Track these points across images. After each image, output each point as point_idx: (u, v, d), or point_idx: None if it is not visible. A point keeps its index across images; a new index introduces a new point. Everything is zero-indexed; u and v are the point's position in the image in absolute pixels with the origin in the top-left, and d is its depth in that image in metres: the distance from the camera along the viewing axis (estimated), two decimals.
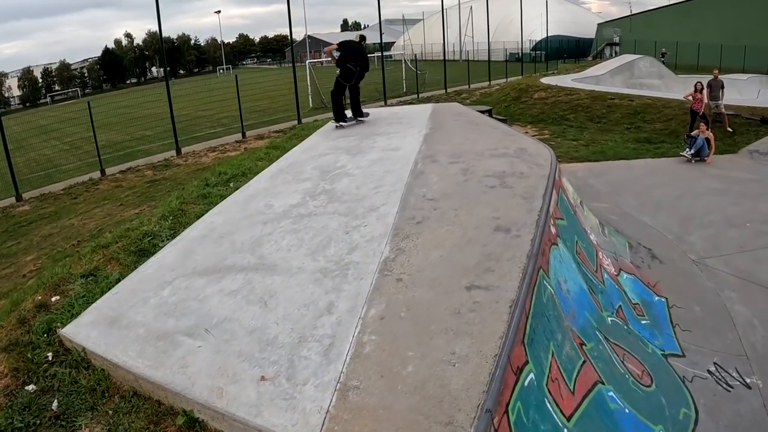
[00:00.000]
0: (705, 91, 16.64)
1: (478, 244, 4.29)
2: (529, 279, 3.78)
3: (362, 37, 11.00)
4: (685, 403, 5.00)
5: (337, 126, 10.33)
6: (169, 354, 3.42)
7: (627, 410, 4.26)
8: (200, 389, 3.07)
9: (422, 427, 2.59)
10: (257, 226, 5.15)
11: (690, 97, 16.62)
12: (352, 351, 3.15)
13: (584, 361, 4.13)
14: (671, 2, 59.86)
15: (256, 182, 6.75)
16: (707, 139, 13.68)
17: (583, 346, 4.29)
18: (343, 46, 10.58)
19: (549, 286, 4.18)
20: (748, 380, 5.56)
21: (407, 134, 8.04)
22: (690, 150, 13.69)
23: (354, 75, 10.40)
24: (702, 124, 14.16)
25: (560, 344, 3.92)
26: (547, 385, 3.46)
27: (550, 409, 3.38)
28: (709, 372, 5.58)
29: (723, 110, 16.53)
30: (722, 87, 17.00)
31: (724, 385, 5.46)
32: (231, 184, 7.66)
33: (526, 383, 3.20)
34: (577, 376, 3.91)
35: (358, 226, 4.85)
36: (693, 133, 14.14)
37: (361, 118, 10.81)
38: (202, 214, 6.13)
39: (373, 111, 11.76)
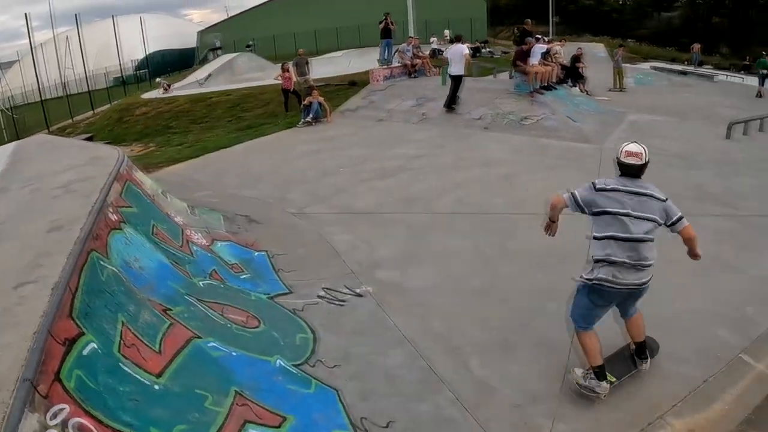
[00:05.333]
0: (293, 70, 18.99)
1: (33, 248, 4.70)
2: (75, 261, 4.24)
3: None
4: (299, 329, 5.88)
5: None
6: None
7: (234, 353, 4.96)
8: None
9: None
10: None
11: (280, 78, 18.83)
12: None
13: (171, 324, 4.72)
14: (263, 2, 65.74)
15: None
16: (320, 103, 16.42)
17: (169, 312, 4.90)
18: None
19: (109, 266, 4.70)
20: (358, 290, 6.78)
21: None
22: (309, 116, 16.15)
23: None
24: (314, 91, 16.89)
25: (134, 314, 4.46)
26: (120, 351, 3.96)
27: (130, 371, 3.88)
28: (319, 297, 6.61)
29: (312, 83, 19.12)
30: (307, 63, 19.62)
31: (337, 303, 6.54)
32: None
33: (85, 352, 3.63)
34: (163, 338, 4.48)
35: None
36: (305, 102, 16.69)
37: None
38: None
39: None
